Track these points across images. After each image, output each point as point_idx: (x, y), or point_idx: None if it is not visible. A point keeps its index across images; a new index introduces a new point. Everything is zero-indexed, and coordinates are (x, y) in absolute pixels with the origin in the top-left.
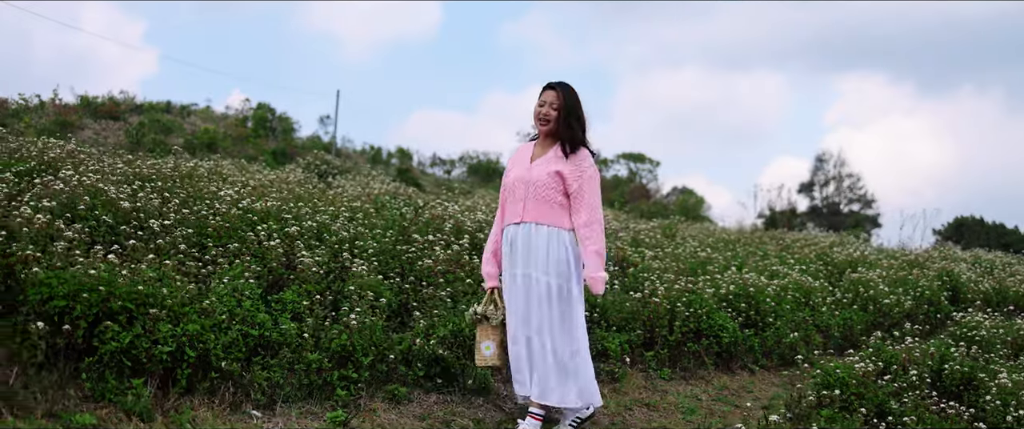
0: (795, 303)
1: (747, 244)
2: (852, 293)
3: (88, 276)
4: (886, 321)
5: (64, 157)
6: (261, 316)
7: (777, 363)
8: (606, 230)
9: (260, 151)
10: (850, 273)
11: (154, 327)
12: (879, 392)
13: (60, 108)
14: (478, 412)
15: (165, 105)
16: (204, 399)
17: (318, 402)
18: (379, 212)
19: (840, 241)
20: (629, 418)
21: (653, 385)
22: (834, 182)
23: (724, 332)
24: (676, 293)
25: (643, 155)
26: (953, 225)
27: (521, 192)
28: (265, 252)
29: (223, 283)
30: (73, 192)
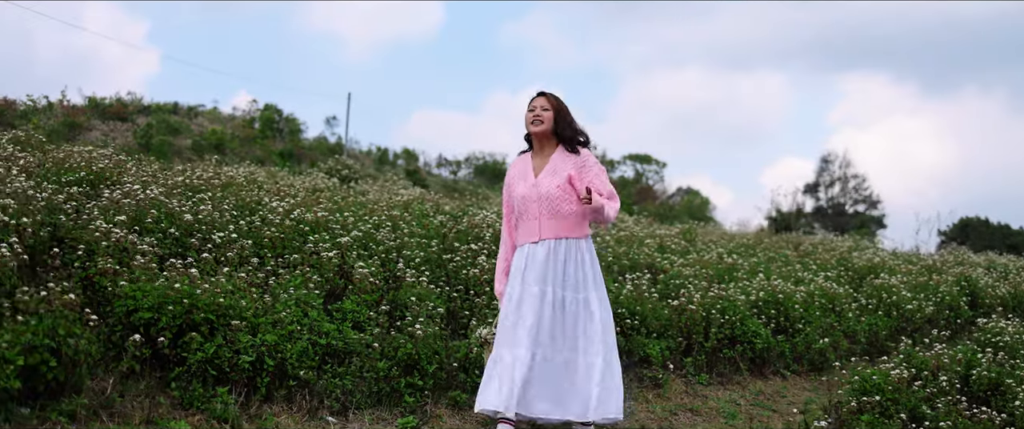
0: (822, 309)
1: (767, 249)
2: (875, 299)
3: (173, 289)
4: (909, 326)
5: (112, 167)
6: (327, 325)
7: (807, 368)
8: (632, 236)
9: (268, 152)
10: (872, 279)
11: (234, 338)
12: (912, 397)
13: (68, 109)
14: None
15: (172, 106)
16: (283, 406)
17: (387, 408)
18: (419, 220)
19: (856, 246)
20: (675, 422)
21: (693, 390)
22: (839, 183)
23: (758, 338)
24: (710, 300)
25: (649, 156)
26: (958, 226)
27: (534, 210)
28: (321, 263)
29: (289, 293)
30: (139, 205)
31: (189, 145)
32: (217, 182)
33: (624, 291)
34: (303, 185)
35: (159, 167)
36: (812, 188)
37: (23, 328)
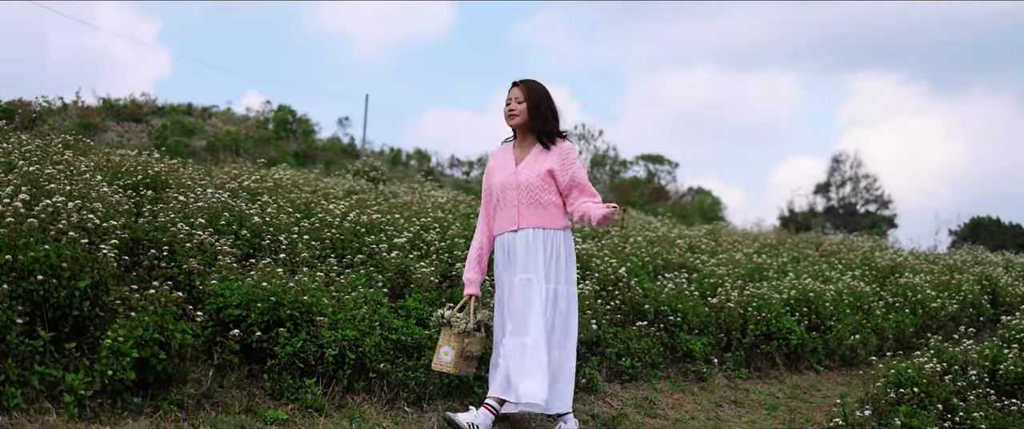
0: (851, 308)
1: (790, 249)
2: (900, 297)
3: (261, 288)
4: (933, 324)
5: (168, 171)
6: (396, 322)
7: (839, 364)
8: (664, 237)
9: (282, 153)
10: (897, 278)
11: (317, 333)
12: (944, 390)
13: (82, 110)
14: (592, 408)
15: (186, 107)
16: (363, 396)
17: (457, 399)
18: (462, 221)
19: (877, 245)
20: (722, 414)
21: (735, 384)
22: (851, 183)
23: (792, 335)
24: (746, 299)
25: (661, 156)
26: (969, 226)
27: (513, 198)
28: (382, 262)
29: (359, 292)
30: (211, 208)
31: (204, 146)
32: (269, 185)
33: (666, 289)
34: (339, 187)
35: (206, 170)
36: (823, 188)
37: (135, 323)
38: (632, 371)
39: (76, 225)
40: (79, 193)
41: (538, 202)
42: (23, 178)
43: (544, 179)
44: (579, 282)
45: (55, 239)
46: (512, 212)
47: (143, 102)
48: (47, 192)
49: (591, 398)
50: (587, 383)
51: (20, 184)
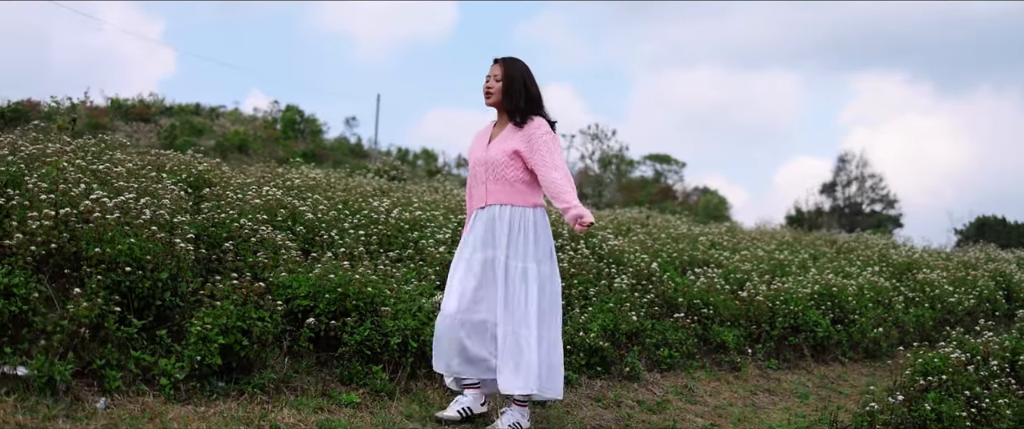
0: (872, 302)
1: (807, 246)
2: (919, 292)
3: (327, 280)
4: (951, 318)
5: (212, 169)
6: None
7: (862, 356)
8: (686, 234)
9: (290, 153)
10: (915, 274)
11: (381, 322)
12: (968, 379)
13: (91, 110)
14: (637, 395)
15: (194, 107)
16: (425, 382)
17: None
18: None
19: (891, 243)
20: (757, 402)
21: (766, 374)
22: (856, 182)
23: (818, 327)
24: (773, 293)
25: (669, 156)
26: (975, 225)
27: (482, 174)
28: (429, 257)
29: (412, 284)
30: (267, 205)
31: (213, 146)
32: (312, 183)
33: (697, 284)
34: (369, 185)
35: (240, 169)
36: (829, 188)
37: (219, 312)
38: (670, 361)
39: (152, 221)
40: (145, 190)
41: (504, 179)
42: (92, 176)
43: (511, 157)
44: (615, 276)
45: (136, 233)
46: (481, 189)
47: (151, 102)
48: (116, 189)
49: (634, 386)
50: (630, 372)
51: (92, 182)
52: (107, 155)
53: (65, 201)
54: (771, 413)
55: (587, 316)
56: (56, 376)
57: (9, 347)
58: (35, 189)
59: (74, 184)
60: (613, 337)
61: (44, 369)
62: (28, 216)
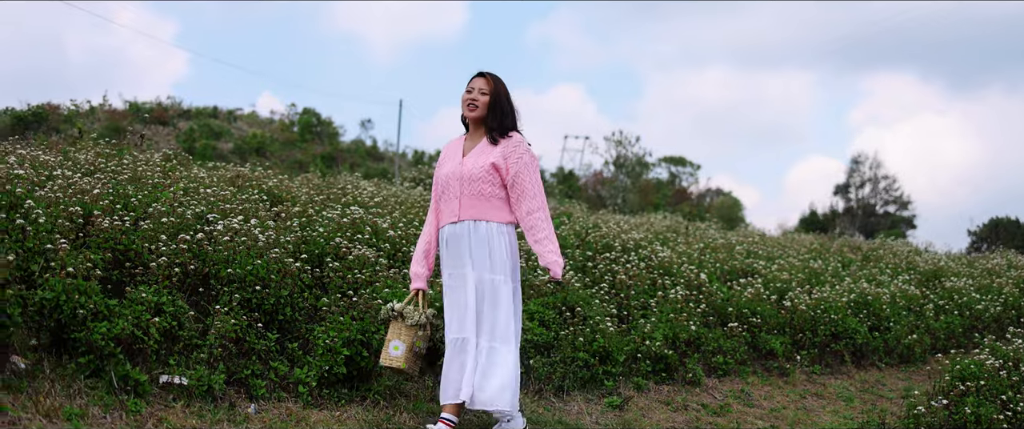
0: (904, 309)
1: (835, 254)
2: (947, 300)
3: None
4: (979, 325)
5: (281, 186)
6: (528, 323)
7: (897, 361)
8: (723, 243)
9: (309, 156)
10: (943, 282)
11: None
12: (1002, 383)
13: (110, 113)
14: (700, 399)
15: (212, 110)
16: (520, 387)
17: (591, 390)
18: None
19: (914, 250)
20: (807, 405)
21: (812, 379)
22: (870, 184)
23: (857, 335)
24: (814, 301)
25: (683, 158)
26: (988, 226)
27: (456, 189)
28: None
29: None
30: (353, 223)
31: (231, 148)
32: (379, 199)
33: (744, 294)
34: (409, 196)
35: (304, 181)
36: (843, 189)
37: (343, 326)
38: (726, 367)
39: (271, 243)
40: (246, 212)
41: (480, 194)
42: (204, 201)
43: (488, 172)
44: (668, 288)
45: (259, 255)
46: (454, 204)
47: (168, 105)
48: (222, 211)
49: (696, 390)
50: (692, 377)
51: (207, 209)
52: (179, 170)
53: (184, 224)
54: (821, 416)
55: (651, 326)
56: (214, 384)
57: (173, 359)
58: (155, 212)
59: (186, 206)
60: (674, 345)
61: (204, 378)
62: (160, 240)
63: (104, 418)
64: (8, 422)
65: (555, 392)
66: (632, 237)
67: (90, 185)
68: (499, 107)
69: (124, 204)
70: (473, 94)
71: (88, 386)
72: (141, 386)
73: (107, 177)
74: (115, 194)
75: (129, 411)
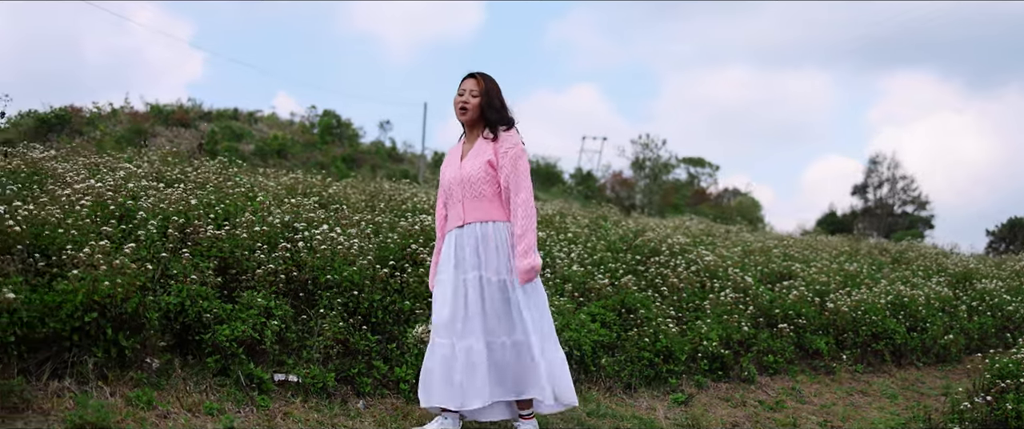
0: (939, 310)
1: (866, 256)
2: (979, 301)
3: None
4: (1010, 325)
5: (338, 191)
6: (592, 324)
7: (934, 360)
8: (762, 247)
9: (329, 157)
10: (974, 283)
11: None
12: None
13: (133, 116)
14: (756, 395)
15: (232, 112)
16: (588, 386)
17: (657, 388)
18: (594, 234)
19: (942, 252)
20: (854, 402)
21: (856, 378)
22: (888, 184)
23: (897, 335)
24: (854, 303)
25: (702, 159)
26: (1007, 226)
27: (458, 193)
28: (567, 274)
29: (560, 300)
30: (425, 231)
31: (253, 150)
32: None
33: (789, 297)
34: None
35: (361, 189)
36: (861, 189)
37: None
38: (775, 366)
39: (363, 251)
40: (328, 220)
41: (482, 195)
42: (288, 211)
43: (485, 170)
44: (717, 290)
45: (351, 262)
46: (458, 208)
47: (189, 107)
48: (306, 220)
49: (751, 387)
50: (746, 375)
51: (293, 219)
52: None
53: (274, 232)
54: (869, 412)
55: (707, 327)
56: (328, 382)
57: (289, 359)
58: (247, 222)
59: (274, 215)
60: (727, 345)
61: (318, 376)
62: (256, 247)
63: (238, 412)
64: (160, 415)
65: (623, 389)
66: (677, 241)
67: (184, 195)
68: (491, 106)
69: (219, 214)
70: (464, 96)
71: (216, 383)
72: (264, 383)
73: (189, 186)
74: (208, 204)
75: (258, 406)
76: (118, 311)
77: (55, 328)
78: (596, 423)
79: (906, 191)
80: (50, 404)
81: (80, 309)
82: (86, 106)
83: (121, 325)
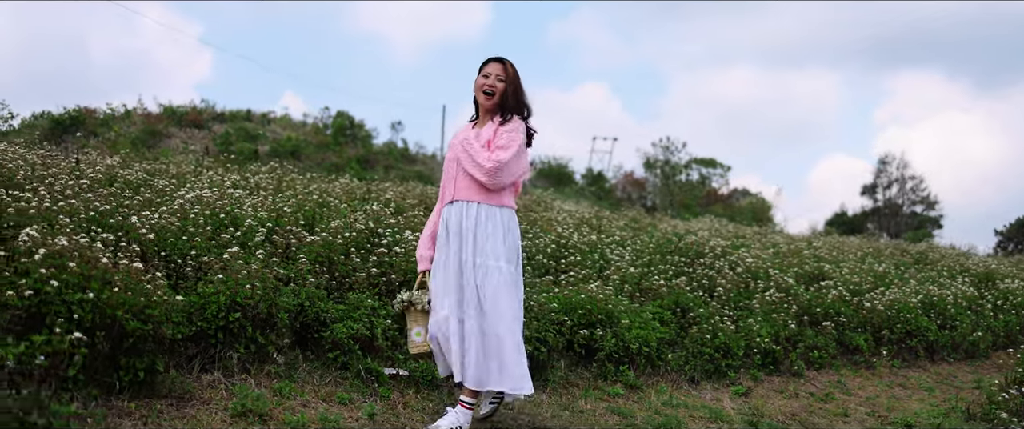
0: (968, 309)
1: (889, 257)
2: (1002, 299)
3: (578, 298)
4: None
5: (394, 197)
6: (653, 322)
7: (963, 356)
8: (793, 248)
9: (344, 159)
10: (998, 283)
11: (620, 333)
12: None
13: (146, 117)
14: (806, 388)
15: (246, 113)
16: (655, 379)
17: (717, 380)
18: (637, 236)
19: (962, 253)
20: (895, 394)
21: (894, 372)
22: (897, 184)
23: (929, 332)
24: (889, 302)
25: (714, 160)
26: (1015, 226)
27: (452, 171)
28: (624, 275)
29: (622, 297)
30: None
31: (268, 151)
32: None
33: (829, 296)
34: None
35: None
36: (870, 189)
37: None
38: (821, 361)
39: None
40: (408, 223)
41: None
42: (370, 215)
43: (483, 148)
44: (763, 291)
45: None
46: (450, 184)
47: (202, 108)
48: (388, 226)
49: (800, 381)
50: (795, 370)
51: (376, 223)
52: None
53: (362, 237)
54: (910, 403)
55: (758, 324)
56: (435, 375)
57: (399, 354)
58: (337, 228)
59: (355, 219)
60: (776, 341)
61: (426, 370)
62: (351, 252)
63: (364, 402)
64: (301, 404)
65: (688, 382)
66: (719, 243)
67: (276, 203)
68: (516, 94)
69: (311, 220)
70: (490, 80)
71: (338, 376)
72: (381, 376)
73: (270, 194)
74: (299, 210)
75: (380, 396)
76: (255, 311)
77: (202, 326)
78: (672, 412)
79: (915, 191)
80: (209, 395)
81: (223, 309)
82: (99, 107)
83: (257, 324)
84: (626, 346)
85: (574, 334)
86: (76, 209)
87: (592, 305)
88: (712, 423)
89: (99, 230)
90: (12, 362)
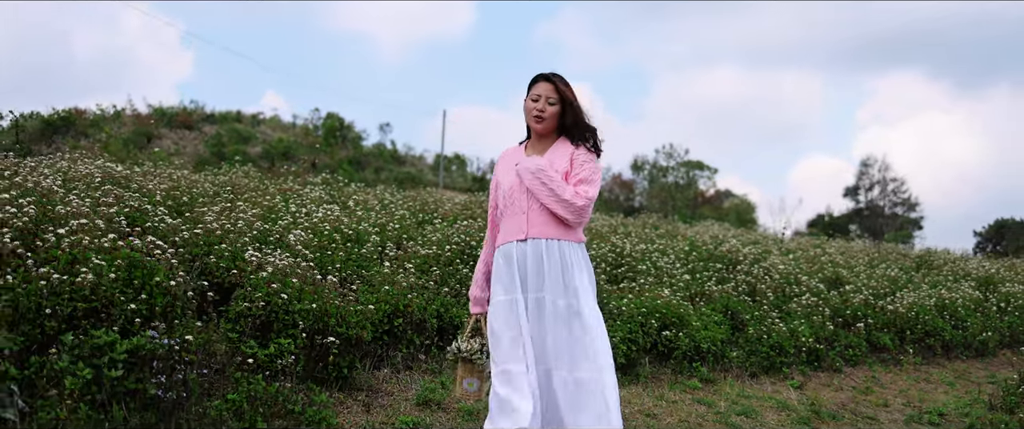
0: (974, 311)
1: (894, 261)
2: (1005, 302)
3: (655, 303)
4: None
5: (435, 200)
6: (719, 324)
7: (973, 354)
8: (813, 256)
9: (335, 160)
10: (999, 286)
11: (691, 333)
12: None
13: (136, 118)
14: (848, 382)
15: (236, 115)
16: (721, 375)
17: (773, 376)
18: (670, 245)
19: (961, 257)
20: (922, 388)
21: (917, 368)
22: (878, 186)
23: (945, 332)
24: (908, 305)
25: (701, 162)
26: (994, 227)
27: (522, 204)
28: (673, 281)
29: (684, 304)
30: None
31: (259, 153)
32: None
33: (856, 300)
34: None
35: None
36: (852, 191)
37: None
38: (855, 359)
39: None
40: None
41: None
42: (461, 231)
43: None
44: (800, 295)
45: None
46: (520, 219)
47: (192, 109)
48: (477, 238)
49: (840, 375)
50: (836, 366)
51: (468, 238)
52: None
53: (459, 249)
54: (936, 395)
55: (797, 326)
56: None
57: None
58: (437, 240)
59: (453, 232)
60: (817, 341)
61: None
62: (458, 260)
63: None
64: (455, 399)
65: (749, 376)
66: (751, 251)
67: (380, 218)
68: (574, 111)
69: (411, 234)
70: (540, 103)
71: None
72: None
73: (313, 205)
74: (404, 223)
75: None
76: (413, 317)
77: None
78: (746, 402)
79: (896, 193)
80: (389, 387)
81: (387, 316)
82: (89, 108)
83: (413, 328)
84: (697, 345)
85: (659, 335)
86: (242, 230)
87: (666, 309)
88: (782, 411)
89: (265, 247)
90: (263, 359)
